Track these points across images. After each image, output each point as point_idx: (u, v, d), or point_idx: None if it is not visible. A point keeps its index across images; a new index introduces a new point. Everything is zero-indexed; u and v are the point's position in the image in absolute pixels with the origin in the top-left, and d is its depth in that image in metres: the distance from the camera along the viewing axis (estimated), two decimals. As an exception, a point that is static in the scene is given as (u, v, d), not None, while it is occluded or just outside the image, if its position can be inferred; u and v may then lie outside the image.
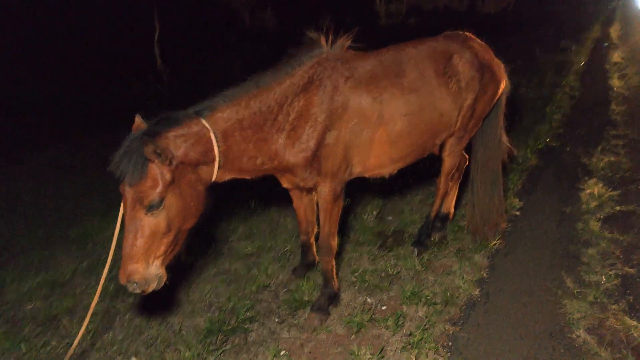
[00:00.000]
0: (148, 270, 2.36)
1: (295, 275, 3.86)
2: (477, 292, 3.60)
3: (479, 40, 3.73)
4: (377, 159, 3.22)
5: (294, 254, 4.23)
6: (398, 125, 3.13)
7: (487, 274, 3.83)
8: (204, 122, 2.51)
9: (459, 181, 4.38)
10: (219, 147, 2.55)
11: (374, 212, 4.78)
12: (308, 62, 2.89)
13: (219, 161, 2.58)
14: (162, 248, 2.42)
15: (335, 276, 3.49)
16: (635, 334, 3.13)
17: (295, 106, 2.80)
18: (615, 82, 10.35)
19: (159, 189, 2.30)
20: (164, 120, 2.42)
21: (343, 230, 4.54)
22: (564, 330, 3.21)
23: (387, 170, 3.39)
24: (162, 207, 2.33)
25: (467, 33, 3.71)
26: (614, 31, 20.74)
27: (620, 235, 4.30)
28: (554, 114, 7.87)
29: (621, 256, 4.04)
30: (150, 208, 2.31)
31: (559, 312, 3.38)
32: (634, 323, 3.22)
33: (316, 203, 3.48)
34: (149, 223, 2.32)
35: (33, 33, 14.68)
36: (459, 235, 4.41)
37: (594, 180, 5.38)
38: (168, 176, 2.32)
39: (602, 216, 4.66)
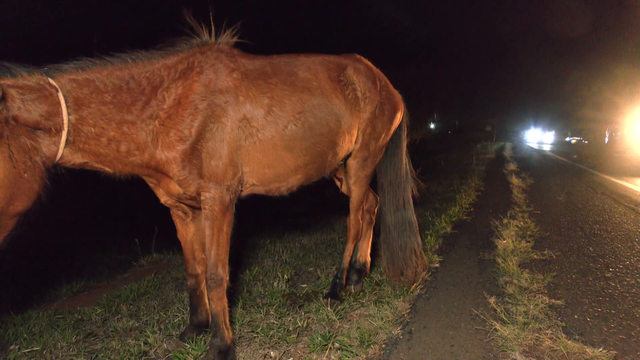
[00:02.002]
0: None
1: (182, 339, 3.11)
2: (398, 330, 3.09)
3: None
4: (273, 168, 2.89)
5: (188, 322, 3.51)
6: (292, 125, 2.88)
7: (408, 315, 3.37)
8: (50, 80, 2.12)
9: (372, 225, 4.12)
10: (69, 114, 2.13)
11: (285, 277, 4.26)
12: (187, 49, 2.65)
13: (69, 133, 2.14)
14: None
15: (227, 323, 2.84)
16: (581, 358, 2.75)
17: (172, 92, 2.48)
18: (515, 180, 11.39)
19: None
20: None
21: (248, 296, 3.94)
22: (499, 356, 2.76)
23: (286, 185, 3.05)
24: None
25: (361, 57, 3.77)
26: (507, 154, 23.86)
27: (540, 275, 4.15)
28: (463, 200, 8.23)
29: (545, 291, 3.82)
30: None
31: (490, 339, 2.95)
32: (578, 345, 2.86)
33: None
34: None
35: None
36: (378, 288, 3.98)
37: (507, 232, 5.41)
38: None
39: (519, 261, 4.55)
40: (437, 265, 4.56)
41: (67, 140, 2.16)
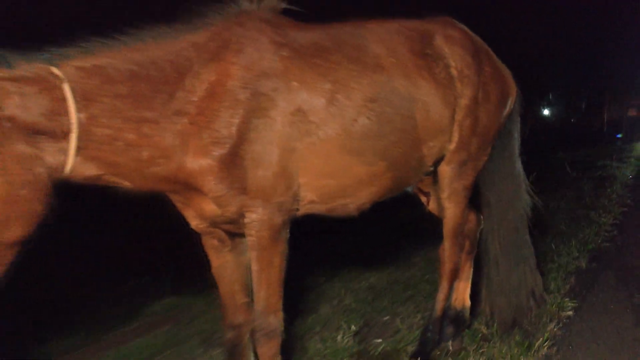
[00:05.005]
0: None
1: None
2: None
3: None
4: (337, 178, 2.46)
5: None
6: (362, 118, 2.42)
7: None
8: (53, 69, 1.80)
9: (473, 256, 3.39)
10: (77, 111, 1.82)
11: (352, 328, 3.58)
12: (221, 20, 2.29)
13: (79, 137, 1.83)
14: None
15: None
16: None
17: (204, 79, 2.13)
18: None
19: None
20: None
21: (304, 355, 3.27)
22: None
23: (355, 201, 2.59)
24: None
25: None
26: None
27: None
28: (601, 219, 6.97)
29: None
30: None
31: None
32: None
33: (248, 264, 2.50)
34: None
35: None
36: (487, 345, 3.17)
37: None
38: None
39: None
40: (569, 312, 3.62)
41: (77, 146, 1.85)
